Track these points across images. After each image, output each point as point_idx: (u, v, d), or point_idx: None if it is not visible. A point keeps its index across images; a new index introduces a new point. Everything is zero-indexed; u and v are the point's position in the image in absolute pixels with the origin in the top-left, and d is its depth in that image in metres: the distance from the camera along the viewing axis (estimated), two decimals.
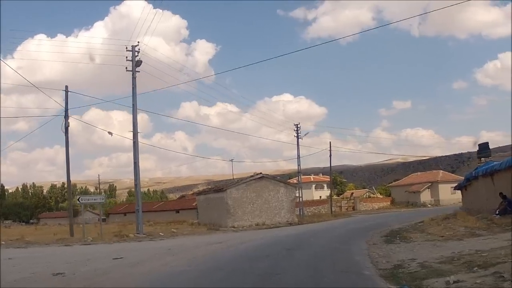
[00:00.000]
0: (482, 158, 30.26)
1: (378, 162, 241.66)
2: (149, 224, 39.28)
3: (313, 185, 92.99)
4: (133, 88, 29.27)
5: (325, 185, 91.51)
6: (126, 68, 29.44)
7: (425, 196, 69.05)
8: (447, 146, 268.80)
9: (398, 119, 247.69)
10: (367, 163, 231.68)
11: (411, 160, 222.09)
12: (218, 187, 42.14)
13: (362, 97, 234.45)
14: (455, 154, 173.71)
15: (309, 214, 56.11)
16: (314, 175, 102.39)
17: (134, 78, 29.33)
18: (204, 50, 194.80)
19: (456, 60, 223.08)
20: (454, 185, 72.04)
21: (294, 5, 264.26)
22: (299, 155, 47.70)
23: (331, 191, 57.41)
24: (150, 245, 22.70)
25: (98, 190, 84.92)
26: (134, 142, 28.96)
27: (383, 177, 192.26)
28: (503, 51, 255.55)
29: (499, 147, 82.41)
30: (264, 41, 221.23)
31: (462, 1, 17.21)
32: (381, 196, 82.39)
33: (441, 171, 75.08)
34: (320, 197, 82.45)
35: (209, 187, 42.93)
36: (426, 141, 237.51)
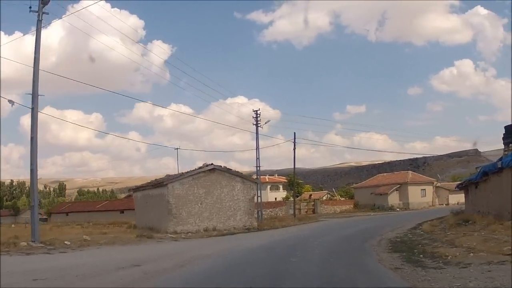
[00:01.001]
0: (511, 144, 22.77)
1: (331, 165, 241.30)
2: (86, 226, 35.43)
3: (268, 186, 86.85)
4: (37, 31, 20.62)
5: (280, 186, 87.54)
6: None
7: (393, 199, 62.85)
8: (400, 151, 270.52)
9: (352, 124, 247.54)
10: (320, 167, 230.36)
11: (365, 164, 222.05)
12: (158, 181, 33.56)
13: (316, 100, 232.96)
14: (409, 159, 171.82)
15: (266, 217, 49.64)
16: (269, 175, 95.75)
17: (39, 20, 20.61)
18: (160, 50, 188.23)
19: (413, 66, 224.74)
20: (424, 187, 67.96)
21: (251, 7, 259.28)
22: (258, 146, 40.07)
23: (294, 189, 49.91)
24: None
25: (47, 189, 77.88)
26: (32, 109, 20.18)
27: (336, 180, 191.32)
28: (460, 58, 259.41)
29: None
30: (220, 43, 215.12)
31: None
32: (343, 198, 76.24)
33: (410, 172, 69.26)
34: (276, 198, 78.16)
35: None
36: (380, 145, 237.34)
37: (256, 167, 40.09)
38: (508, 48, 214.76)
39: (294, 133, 44.43)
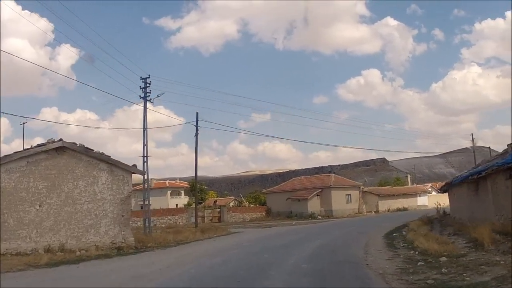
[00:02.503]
0: None
1: (235, 173, 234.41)
2: None
3: (169, 191, 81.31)
4: None
5: (182, 192, 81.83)
6: None
7: (314, 205, 53.37)
8: (304, 160, 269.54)
9: (257, 132, 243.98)
10: (224, 175, 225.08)
11: (269, 172, 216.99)
12: None
13: (221, 108, 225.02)
14: (314, 168, 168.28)
15: (164, 226, 43.45)
16: (170, 180, 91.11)
17: None
18: (68, 55, 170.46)
19: (320, 75, 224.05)
20: (349, 192, 58.42)
21: (160, 13, 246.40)
22: (146, 125, 27.87)
23: (195, 190, 37.82)
24: None
25: None
26: None
27: (240, 188, 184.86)
28: (368, 68, 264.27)
29: None
30: (128, 48, 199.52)
31: None
32: (253, 205, 66.51)
33: (333, 174, 60.00)
34: (177, 205, 71.77)
35: None
36: (284, 154, 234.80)
37: (143, 156, 27.90)
38: (416, 59, 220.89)
39: (197, 113, 32.98)
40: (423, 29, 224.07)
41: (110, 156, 18.84)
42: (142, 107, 28.77)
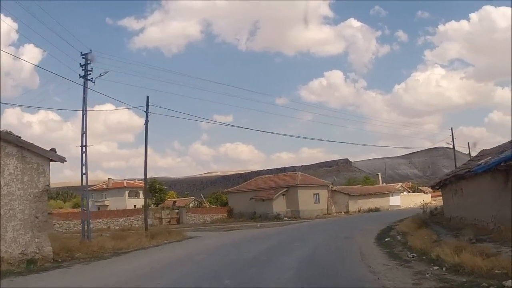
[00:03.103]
0: None
1: (197, 175, 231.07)
2: None
3: (127, 192, 78.04)
4: None
5: (140, 192, 75.30)
6: None
7: (280, 205, 49.34)
8: (266, 161, 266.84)
9: (219, 133, 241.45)
10: (185, 176, 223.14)
11: (231, 173, 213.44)
12: None
13: (184, 109, 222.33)
14: (277, 169, 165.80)
15: (117, 228, 41.92)
16: (128, 180, 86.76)
17: None
18: (31, 55, 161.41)
19: (282, 76, 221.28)
20: (317, 191, 54.31)
21: (124, 14, 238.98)
22: (85, 102, 22.97)
23: (145, 186, 32.91)
24: None
25: None
26: None
27: (202, 189, 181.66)
28: (330, 69, 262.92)
29: None
30: (92, 48, 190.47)
31: None
32: (214, 206, 62.47)
33: (300, 172, 55.93)
34: (135, 206, 67.51)
35: None
36: (246, 155, 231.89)
37: (82, 146, 23.05)
38: (380, 60, 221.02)
39: (147, 97, 28.21)
40: (386, 31, 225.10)
41: (20, 137, 13.98)
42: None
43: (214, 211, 56.00)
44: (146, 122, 28.00)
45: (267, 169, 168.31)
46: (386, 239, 17.19)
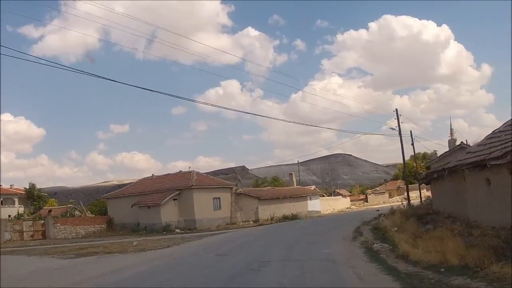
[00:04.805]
0: None
1: (93, 184, 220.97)
2: None
3: (0, 199, 65.65)
4: None
5: (16, 199, 67.47)
6: None
7: (170, 213, 38.59)
8: (163, 170, 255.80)
9: (115, 143, 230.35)
10: (82, 185, 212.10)
11: (127, 182, 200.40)
12: None
13: (80, 118, 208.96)
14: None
15: None
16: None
17: None
18: None
19: (179, 85, 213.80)
20: (218, 194, 38.12)
21: (24, 21, 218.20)
22: None
23: None
24: None
25: None
26: None
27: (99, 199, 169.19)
28: (227, 78, 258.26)
29: None
30: None
31: None
32: (92, 215, 50.38)
33: (195, 171, 44.67)
34: (10, 216, 56.29)
35: None
36: (143, 164, 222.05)
37: None
38: (277, 69, 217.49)
39: None
40: (284, 40, 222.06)
41: None
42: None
43: (90, 222, 44.00)
44: None
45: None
46: None
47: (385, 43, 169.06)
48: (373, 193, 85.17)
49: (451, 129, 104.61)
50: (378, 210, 41.11)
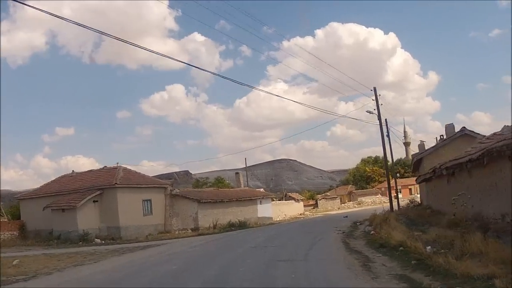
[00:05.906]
0: None
1: (38, 187, 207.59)
2: None
3: None
4: None
5: None
6: None
7: (89, 219, 31.47)
8: None
9: (61, 146, 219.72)
10: (27, 189, 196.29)
11: None
12: None
13: (26, 121, 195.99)
14: None
15: None
16: None
17: None
18: None
19: (124, 89, 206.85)
20: (149, 196, 30.90)
21: None
22: None
23: None
24: None
25: None
26: None
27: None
28: (172, 83, 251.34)
29: None
30: None
31: None
32: (10, 220, 40.68)
33: (123, 166, 36.90)
34: None
35: None
36: (87, 168, 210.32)
37: None
38: (222, 74, 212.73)
39: None
40: (230, 45, 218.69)
41: None
42: None
43: (4, 228, 35.22)
44: None
45: None
46: None
47: (331, 50, 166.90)
48: (323, 198, 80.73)
49: (404, 132, 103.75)
50: (346, 217, 35.75)
